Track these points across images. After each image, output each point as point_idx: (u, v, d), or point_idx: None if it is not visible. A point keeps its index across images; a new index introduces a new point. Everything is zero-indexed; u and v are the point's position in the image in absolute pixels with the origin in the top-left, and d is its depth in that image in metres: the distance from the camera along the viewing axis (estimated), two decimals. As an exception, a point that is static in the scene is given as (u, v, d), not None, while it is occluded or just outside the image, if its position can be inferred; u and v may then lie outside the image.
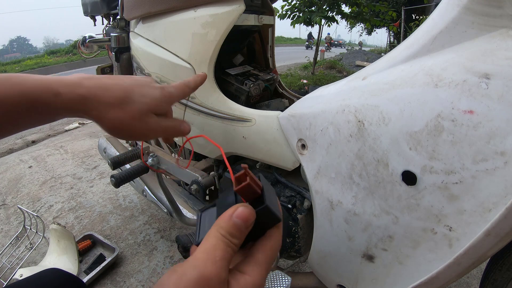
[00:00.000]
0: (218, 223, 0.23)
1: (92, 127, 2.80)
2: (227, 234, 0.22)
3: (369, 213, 0.44)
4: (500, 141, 0.31)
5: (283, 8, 4.37)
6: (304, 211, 0.57)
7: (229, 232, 0.22)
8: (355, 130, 0.43)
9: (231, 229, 0.22)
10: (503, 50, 0.32)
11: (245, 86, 0.74)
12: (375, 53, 9.41)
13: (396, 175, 0.39)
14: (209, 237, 0.22)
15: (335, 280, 0.55)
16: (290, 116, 0.53)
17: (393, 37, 9.83)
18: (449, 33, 0.36)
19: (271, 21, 0.81)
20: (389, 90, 0.39)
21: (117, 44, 0.91)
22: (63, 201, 1.55)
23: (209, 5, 0.64)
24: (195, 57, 0.66)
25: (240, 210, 0.23)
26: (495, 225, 0.32)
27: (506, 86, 0.31)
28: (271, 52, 0.90)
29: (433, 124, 0.35)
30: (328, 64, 6.45)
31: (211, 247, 0.21)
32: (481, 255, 0.35)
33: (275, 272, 0.47)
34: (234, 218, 0.22)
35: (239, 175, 0.25)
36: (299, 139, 0.52)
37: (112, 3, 1.00)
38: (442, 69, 0.36)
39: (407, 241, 0.41)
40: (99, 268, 1.03)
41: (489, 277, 0.48)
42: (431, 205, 0.37)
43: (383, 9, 4.36)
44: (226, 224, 0.22)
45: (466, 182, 0.34)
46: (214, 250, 0.21)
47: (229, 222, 0.22)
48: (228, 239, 0.22)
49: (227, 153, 0.70)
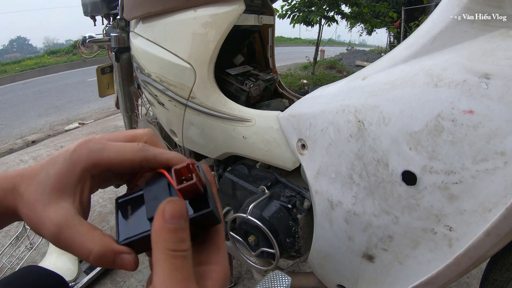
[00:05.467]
0: (156, 239, 0.19)
1: (92, 127, 2.80)
2: (172, 245, 0.18)
3: (369, 213, 0.44)
4: (500, 141, 0.31)
5: (282, 8, 4.37)
6: (304, 211, 0.57)
7: (172, 241, 0.18)
8: (355, 130, 0.43)
9: (172, 235, 0.19)
10: (503, 50, 0.32)
11: (245, 86, 0.74)
12: (375, 53, 9.41)
13: (396, 175, 0.39)
14: (158, 261, 0.18)
15: (335, 280, 0.55)
16: (290, 116, 0.53)
17: (393, 37, 9.83)
18: (449, 33, 0.36)
19: (271, 21, 0.81)
20: (389, 90, 0.39)
21: (117, 44, 0.91)
22: (63, 201, 1.55)
23: (209, 5, 0.64)
24: (195, 57, 0.66)
25: (169, 208, 0.19)
26: (495, 225, 0.32)
27: (506, 86, 0.31)
28: (271, 52, 0.90)
29: (433, 124, 0.35)
30: (328, 64, 6.45)
31: (167, 275, 0.18)
32: (481, 255, 0.35)
33: (275, 272, 0.47)
34: (168, 223, 0.19)
35: (180, 168, 0.20)
36: (299, 139, 0.52)
37: (112, 3, 1.00)
38: (442, 69, 0.36)
39: (407, 241, 0.41)
40: (99, 268, 1.03)
41: (489, 277, 0.48)
42: (431, 205, 0.37)
43: (383, 9, 4.36)
44: (164, 234, 0.18)
45: (466, 182, 0.34)
46: (172, 275, 0.18)
47: (166, 231, 0.19)
48: (177, 250, 0.18)
49: (227, 153, 0.70)
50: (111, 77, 1.16)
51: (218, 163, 0.81)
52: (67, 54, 10.27)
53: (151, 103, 0.85)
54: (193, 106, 0.69)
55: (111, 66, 1.14)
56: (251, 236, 0.59)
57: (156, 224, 0.19)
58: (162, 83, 0.73)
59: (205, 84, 0.66)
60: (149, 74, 0.76)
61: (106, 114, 3.25)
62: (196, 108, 0.69)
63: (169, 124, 0.79)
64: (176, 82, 0.69)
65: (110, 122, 2.94)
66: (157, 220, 0.19)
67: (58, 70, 8.22)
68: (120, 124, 2.73)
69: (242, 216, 0.57)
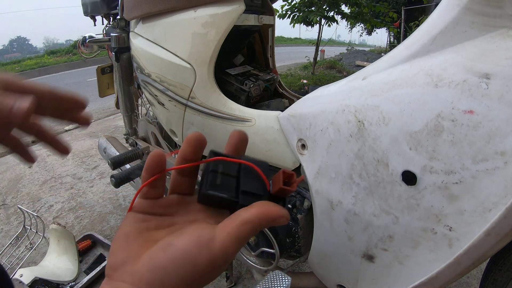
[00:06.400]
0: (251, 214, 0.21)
1: (92, 127, 2.80)
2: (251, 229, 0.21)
3: (369, 213, 0.44)
4: (500, 141, 0.31)
5: (282, 8, 4.37)
6: (304, 211, 0.57)
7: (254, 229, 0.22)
8: (355, 130, 0.43)
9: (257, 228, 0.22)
10: (503, 50, 0.32)
11: (245, 86, 0.74)
12: (375, 53, 9.41)
13: (396, 175, 0.39)
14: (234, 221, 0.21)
15: (335, 280, 0.55)
16: (290, 116, 0.53)
17: (393, 37, 9.83)
18: (449, 33, 0.36)
19: (271, 21, 0.81)
20: (389, 90, 0.39)
21: (117, 44, 0.91)
22: (63, 201, 1.55)
23: (209, 5, 0.64)
24: (195, 57, 0.66)
25: (275, 214, 0.22)
26: (495, 225, 0.32)
27: (506, 86, 0.31)
28: (271, 52, 0.90)
29: (433, 124, 0.35)
30: (328, 64, 6.45)
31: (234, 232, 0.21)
32: (481, 255, 0.35)
33: (275, 272, 0.47)
34: (266, 224, 0.22)
35: (288, 172, 0.24)
36: (299, 139, 0.52)
37: (112, 3, 1.00)
38: (442, 69, 0.36)
39: (407, 241, 0.41)
40: (99, 268, 1.03)
41: (489, 277, 0.48)
42: (431, 205, 0.37)
43: (383, 9, 4.36)
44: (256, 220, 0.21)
45: (466, 182, 0.34)
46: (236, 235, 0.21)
47: (259, 221, 0.22)
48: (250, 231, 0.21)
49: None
50: (111, 77, 1.16)
51: (218, 163, 0.80)
52: (67, 54, 10.27)
53: (151, 103, 0.85)
54: (193, 106, 0.69)
55: (111, 66, 1.14)
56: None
57: (259, 210, 0.22)
58: (162, 83, 0.73)
59: (205, 84, 0.66)
60: (149, 74, 0.76)
61: (106, 114, 3.24)
62: (196, 108, 0.69)
63: (169, 124, 0.79)
64: (176, 82, 0.69)
65: (110, 122, 2.94)
66: (262, 208, 0.22)
67: (58, 70, 8.22)
68: (120, 124, 2.73)
69: (242, 216, 0.56)
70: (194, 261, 0.20)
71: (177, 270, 0.19)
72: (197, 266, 0.20)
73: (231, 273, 0.99)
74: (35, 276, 0.95)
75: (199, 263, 0.20)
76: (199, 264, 0.20)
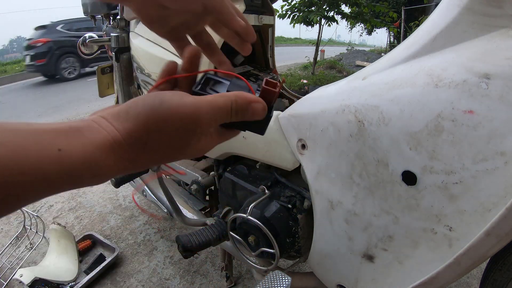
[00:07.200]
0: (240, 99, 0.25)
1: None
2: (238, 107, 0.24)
3: (369, 213, 0.44)
4: (500, 141, 0.31)
5: (282, 8, 4.37)
6: (304, 211, 0.57)
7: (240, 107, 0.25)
8: (355, 130, 0.43)
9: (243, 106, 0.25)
10: (503, 50, 0.32)
11: (245, 86, 0.74)
12: (375, 53, 9.40)
13: (396, 175, 0.39)
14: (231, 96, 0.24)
15: (335, 280, 0.55)
16: (290, 116, 0.53)
17: (393, 37, 9.83)
18: (449, 33, 0.36)
19: (271, 21, 0.81)
20: (389, 90, 0.39)
21: (117, 44, 0.91)
22: (63, 201, 1.55)
23: (209, 5, 0.64)
24: (195, 57, 0.66)
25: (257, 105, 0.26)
26: (495, 225, 0.32)
27: (506, 86, 0.31)
28: (271, 52, 0.90)
29: (433, 124, 0.35)
30: (328, 64, 6.45)
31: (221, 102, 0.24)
32: (481, 255, 0.35)
33: (275, 272, 0.47)
34: (252, 105, 0.25)
35: (270, 80, 0.27)
36: (299, 139, 0.52)
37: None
38: (442, 69, 0.36)
39: (407, 241, 0.41)
40: (99, 268, 1.03)
41: (489, 277, 0.48)
42: (431, 205, 0.37)
43: (383, 9, 4.36)
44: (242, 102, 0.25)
45: (466, 182, 0.34)
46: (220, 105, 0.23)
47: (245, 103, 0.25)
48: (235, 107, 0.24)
49: (227, 153, 0.70)
50: (111, 77, 1.16)
51: (218, 163, 0.81)
52: (67, 54, 10.24)
53: (151, 103, 0.85)
54: (193, 106, 0.69)
55: (111, 66, 1.14)
56: (251, 236, 0.59)
57: (237, 92, 0.25)
58: (162, 83, 0.73)
59: (205, 84, 0.66)
60: (149, 74, 0.76)
61: (106, 114, 3.24)
62: (196, 108, 0.68)
63: (169, 124, 0.79)
64: (176, 82, 0.69)
65: (110, 122, 2.93)
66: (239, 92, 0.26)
67: (58, 70, 8.19)
68: (120, 124, 2.72)
69: (242, 216, 0.57)
70: (162, 97, 0.21)
71: (144, 100, 0.21)
72: (164, 103, 0.21)
73: (231, 273, 0.99)
74: (35, 276, 0.96)
75: (165, 100, 0.21)
76: (165, 101, 0.21)
